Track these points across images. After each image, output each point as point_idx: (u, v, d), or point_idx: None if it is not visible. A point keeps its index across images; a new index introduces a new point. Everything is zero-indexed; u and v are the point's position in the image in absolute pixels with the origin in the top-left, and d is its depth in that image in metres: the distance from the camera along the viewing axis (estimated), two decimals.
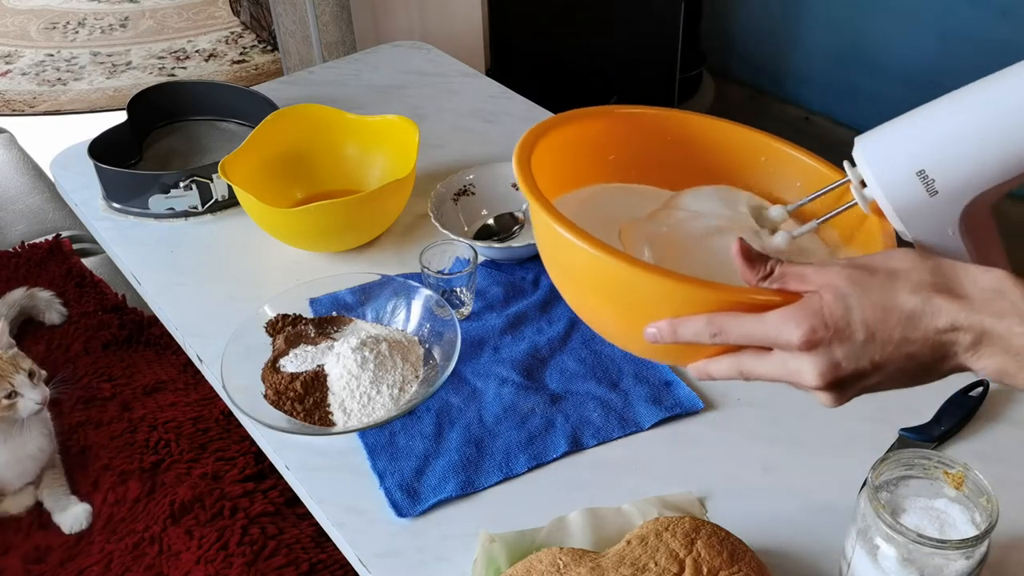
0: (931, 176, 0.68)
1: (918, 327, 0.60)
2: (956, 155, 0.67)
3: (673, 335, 0.64)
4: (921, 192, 0.69)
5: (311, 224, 1.17)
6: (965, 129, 0.67)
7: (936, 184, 0.68)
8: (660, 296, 0.65)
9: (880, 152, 0.70)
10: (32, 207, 1.90)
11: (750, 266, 0.64)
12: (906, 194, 0.69)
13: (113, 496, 1.20)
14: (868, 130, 0.73)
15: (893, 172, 0.69)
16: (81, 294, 1.57)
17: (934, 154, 0.68)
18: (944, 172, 0.68)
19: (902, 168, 0.69)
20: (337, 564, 1.12)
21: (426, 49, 1.74)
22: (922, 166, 0.68)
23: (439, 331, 1.04)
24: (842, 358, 0.61)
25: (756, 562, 0.77)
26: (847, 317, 0.60)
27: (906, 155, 0.69)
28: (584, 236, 0.67)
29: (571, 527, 0.85)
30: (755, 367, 0.64)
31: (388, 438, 0.97)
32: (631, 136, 0.86)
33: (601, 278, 0.69)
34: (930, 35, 2.64)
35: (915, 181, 0.69)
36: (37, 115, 3.41)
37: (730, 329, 0.63)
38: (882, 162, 0.70)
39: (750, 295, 0.64)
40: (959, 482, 0.72)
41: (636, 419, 0.97)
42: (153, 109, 1.48)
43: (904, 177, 0.69)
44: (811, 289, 0.62)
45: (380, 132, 1.31)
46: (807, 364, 0.61)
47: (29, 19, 4.07)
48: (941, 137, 0.68)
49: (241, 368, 1.01)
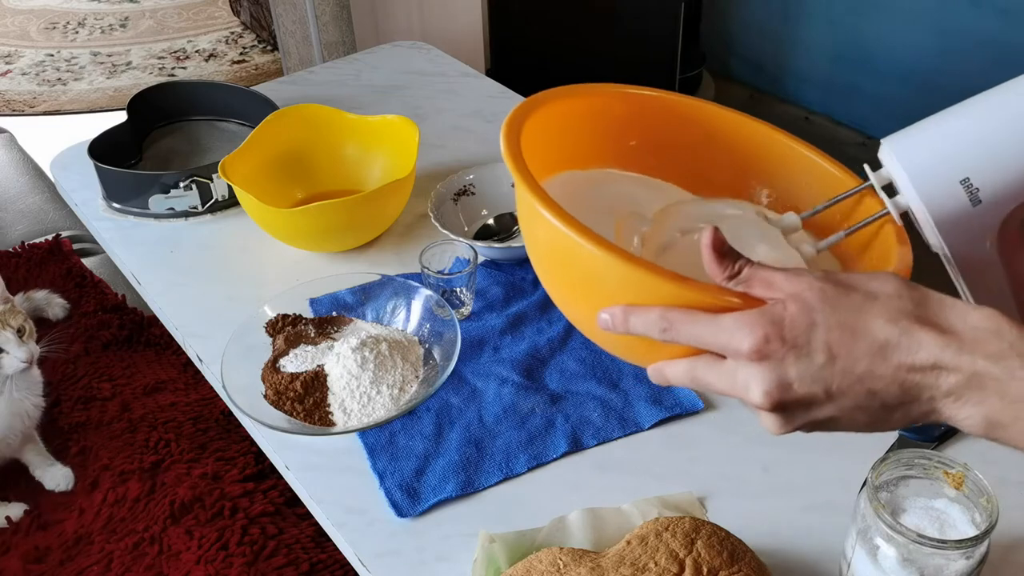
0: (976, 185, 0.63)
1: (888, 360, 0.52)
2: (1004, 162, 0.63)
3: (625, 323, 0.58)
4: (964, 201, 0.64)
5: (311, 224, 1.17)
6: (1014, 134, 0.63)
7: (980, 193, 0.63)
8: (617, 280, 0.60)
9: (918, 157, 0.65)
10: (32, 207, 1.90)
11: (719, 261, 0.58)
12: (947, 203, 0.64)
13: (113, 496, 1.20)
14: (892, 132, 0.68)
15: (933, 179, 0.64)
16: (81, 294, 1.57)
17: (980, 160, 0.63)
18: (990, 180, 0.63)
19: (944, 176, 0.64)
20: (337, 564, 1.12)
21: (426, 49, 1.75)
22: (967, 174, 0.63)
23: (439, 331, 1.04)
24: (794, 378, 0.53)
25: (756, 562, 0.77)
26: (808, 334, 0.53)
27: (949, 162, 0.64)
28: (553, 207, 0.61)
29: (571, 527, 0.85)
30: (706, 375, 0.57)
31: (388, 438, 0.97)
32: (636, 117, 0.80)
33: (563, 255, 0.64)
34: (930, 35, 2.64)
35: (958, 190, 0.63)
36: (37, 115, 3.41)
37: (680, 327, 0.56)
38: (921, 168, 0.64)
39: (710, 293, 0.57)
40: (959, 482, 0.72)
41: (636, 419, 0.97)
42: (153, 109, 1.48)
43: (946, 185, 0.64)
44: (777, 297, 0.55)
45: (380, 132, 1.31)
46: (755, 377, 0.54)
47: (29, 19, 4.07)
48: (987, 142, 0.63)
49: (241, 368, 1.01)
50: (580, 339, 1.07)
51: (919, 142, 0.66)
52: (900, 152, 0.65)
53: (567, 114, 0.77)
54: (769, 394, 0.54)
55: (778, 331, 0.53)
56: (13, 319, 1.19)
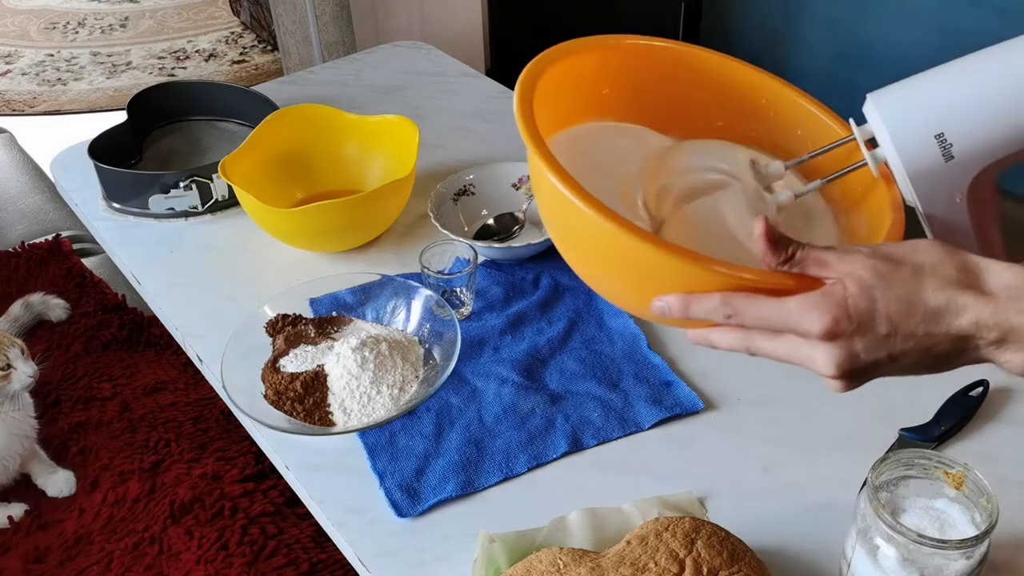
0: (949, 140, 0.66)
1: (941, 323, 0.59)
2: (977, 120, 0.66)
3: (684, 311, 0.63)
4: (937, 156, 0.67)
5: (311, 224, 1.17)
6: (989, 93, 0.66)
7: (953, 149, 0.66)
8: (672, 273, 0.62)
9: (898, 111, 0.68)
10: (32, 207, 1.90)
11: (773, 250, 0.62)
12: (920, 157, 0.67)
13: (113, 496, 1.20)
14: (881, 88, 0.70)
15: (910, 133, 0.67)
16: (81, 294, 1.57)
17: (955, 117, 0.66)
18: (963, 137, 0.66)
19: (920, 130, 0.67)
20: (337, 564, 1.12)
21: (426, 49, 1.75)
22: (941, 129, 0.66)
23: (439, 331, 1.04)
24: (861, 350, 0.60)
25: (756, 562, 0.77)
26: (871, 310, 0.59)
27: (925, 117, 0.67)
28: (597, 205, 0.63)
29: (571, 527, 0.85)
30: (764, 346, 0.63)
31: (388, 438, 0.97)
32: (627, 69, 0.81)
33: (611, 249, 0.66)
34: (930, 34, 2.63)
35: (932, 144, 0.67)
36: (37, 115, 3.41)
37: (746, 311, 0.62)
38: (899, 122, 0.68)
39: (769, 279, 0.61)
40: (959, 482, 0.72)
41: (636, 419, 0.97)
42: (153, 109, 1.48)
43: (921, 139, 0.67)
44: (832, 276, 0.61)
45: (380, 132, 1.31)
46: (824, 353, 0.60)
47: (29, 19, 4.07)
48: (963, 100, 0.66)
49: (241, 368, 1.01)
50: (580, 339, 1.07)
51: (899, 97, 0.69)
52: (881, 106, 0.69)
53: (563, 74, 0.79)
54: (840, 366, 0.60)
55: (844, 312, 0.59)
56: (16, 340, 1.22)
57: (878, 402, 0.98)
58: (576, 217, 0.65)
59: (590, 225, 0.64)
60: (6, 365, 1.18)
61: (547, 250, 1.20)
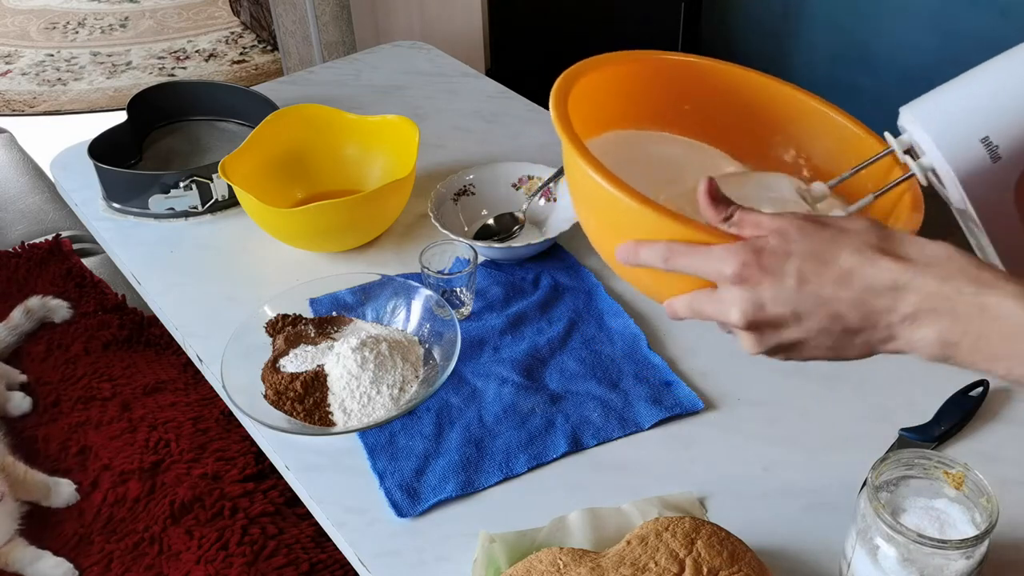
0: (995, 142, 0.69)
1: (852, 285, 0.59)
2: (1019, 120, 0.68)
3: (636, 255, 0.67)
4: (984, 158, 0.69)
5: (311, 224, 1.17)
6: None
7: (1000, 150, 0.69)
8: (631, 218, 0.68)
9: (939, 120, 0.70)
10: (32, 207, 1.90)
11: (713, 206, 0.65)
12: (968, 161, 0.69)
13: (113, 496, 1.20)
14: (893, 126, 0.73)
15: (956, 140, 0.70)
16: (81, 294, 1.57)
17: (997, 119, 0.69)
18: (1008, 137, 0.68)
19: (965, 135, 0.69)
20: (337, 564, 1.12)
21: (426, 49, 1.75)
22: (986, 132, 0.69)
23: (439, 331, 1.04)
24: (767, 300, 0.61)
25: (756, 562, 0.77)
26: (783, 261, 0.60)
27: (968, 122, 0.69)
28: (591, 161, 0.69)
29: (571, 527, 0.85)
30: (702, 304, 0.65)
31: (388, 438, 0.97)
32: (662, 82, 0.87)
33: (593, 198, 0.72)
34: (930, 35, 2.63)
35: (978, 147, 0.69)
36: (37, 115, 3.41)
37: (679, 257, 0.64)
38: (943, 130, 0.70)
39: (705, 232, 0.65)
40: (959, 482, 0.72)
41: (636, 419, 0.97)
42: (153, 109, 1.48)
43: (967, 144, 0.69)
44: (763, 234, 0.62)
45: (380, 132, 1.31)
46: (735, 299, 0.61)
47: (29, 19, 4.07)
48: (1003, 101, 0.69)
49: (241, 368, 1.01)
50: (580, 339, 1.07)
51: (939, 106, 0.71)
52: (922, 116, 0.71)
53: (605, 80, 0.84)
54: (745, 313, 0.61)
55: (757, 258, 0.61)
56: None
57: (878, 402, 0.98)
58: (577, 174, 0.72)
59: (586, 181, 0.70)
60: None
61: (547, 250, 1.20)
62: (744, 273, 0.61)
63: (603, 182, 0.68)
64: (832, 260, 0.59)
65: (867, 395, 0.99)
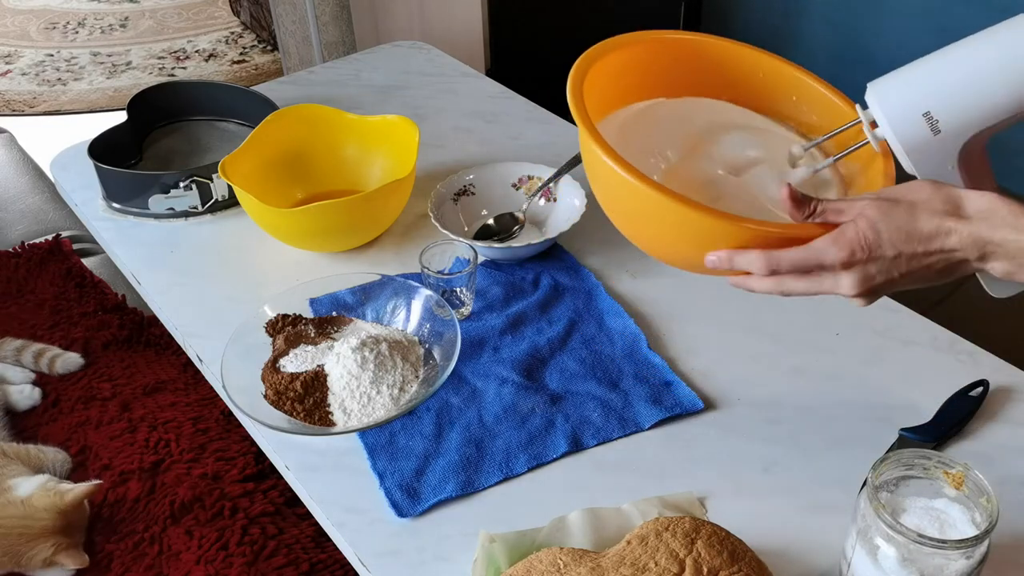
0: (935, 117, 0.78)
1: (934, 243, 0.74)
2: (956, 98, 0.78)
3: (730, 263, 0.78)
4: (926, 131, 0.79)
5: (311, 224, 1.17)
6: (964, 75, 0.78)
7: (940, 124, 0.79)
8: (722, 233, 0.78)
9: (891, 96, 0.81)
10: (32, 207, 1.90)
11: (797, 207, 0.78)
12: (913, 133, 0.79)
13: (113, 496, 1.20)
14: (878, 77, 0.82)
15: (901, 114, 0.80)
16: (81, 294, 1.57)
17: (937, 97, 0.78)
18: (946, 113, 0.78)
19: (909, 110, 0.79)
20: (337, 564, 1.12)
21: (426, 49, 1.74)
22: (927, 108, 0.78)
23: (439, 331, 1.04)
24: (876, 272, 0.75)
25: (756, 562, 0.77)
26: (878, 240, 0.74)
27: (913, 98, 0.79)
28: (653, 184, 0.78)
29: (571, 527, 0.85)
30: (795, 285, 0.78)
31: (388, 438, 0.97)
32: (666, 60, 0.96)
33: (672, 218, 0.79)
34: (930, 34, 2.64)
35: (921, 121, 0.79)
36: (37, 115, 3.41)
37: (782, 260, 0.76)
38: (892, 105, 0.80)
39: (799, 230, 0.77)
40: (959, 482, 0.72)
41: (636, 419, 0.97)
42: (153, 109, 1.48)
43: (911, 118, 0.79)
44: (847, 220, 0.76)
45: (380, 132, 1.31)
46: (847, 279, 0.76)
47: (29, 19, 4.07)
48: (943, 82, 0.79)
49: (241, 368, 1.01)
50: (580, 339, 1.07)
51: (891, 84, 0.81)
52: (877, 92, 0.82)
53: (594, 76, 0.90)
54: (859, 285, 0.76)
55: (858, 243, 0.75)
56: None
57: (878, 402, 0.98)
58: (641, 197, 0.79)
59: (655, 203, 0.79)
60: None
61: (547, 250, 1.20)
62: (852, 259, 0.75)
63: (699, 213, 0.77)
64: (913, 230, 0.74)
65: (867, 395, 0.99)
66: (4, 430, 1.29)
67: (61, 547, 1.09)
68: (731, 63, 0.97)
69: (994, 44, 0.78)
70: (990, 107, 0.78)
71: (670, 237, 0.84)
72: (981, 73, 0.78)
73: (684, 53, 0.97)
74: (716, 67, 0.97)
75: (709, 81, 0.97)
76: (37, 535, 1.09)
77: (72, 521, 1.12)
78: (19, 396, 1.34)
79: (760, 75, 0.97)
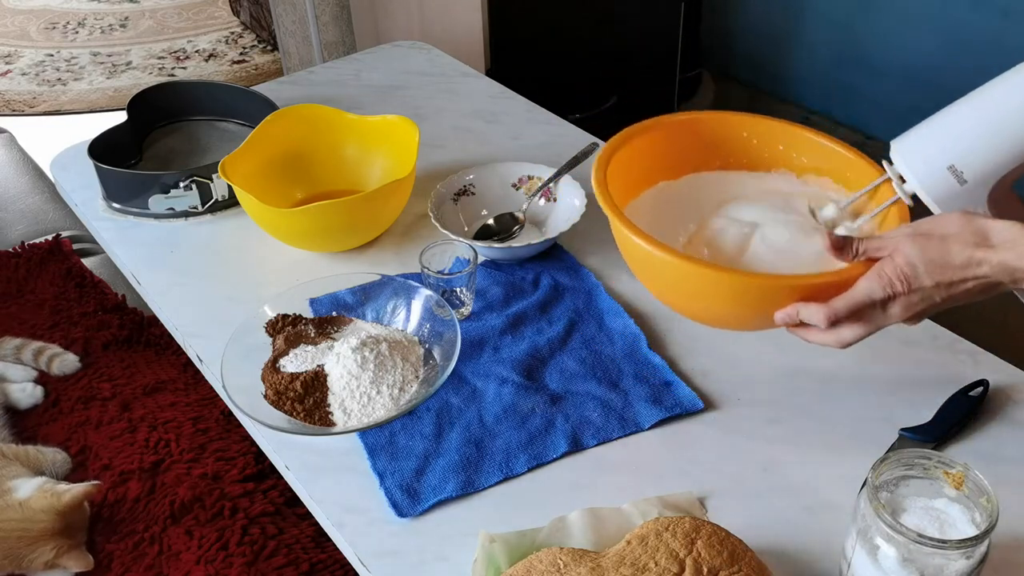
0: (960, 169, 0.83)
1: (968, 272, 0.79)
2: (978, 149, 0.82)
3: (797, 318, 0.84)
4: (953, 183, 0.84)
5: (311, 224, 1.17)
6: (982, 126, 0.82)
7: (965, 175, 0.83)
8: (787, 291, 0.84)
9: (914, 153, 0.86)
10: (32, 207, 1.90)
11: (841, 252, 0.84)
12: (940, 186, 0.84)
13: (113, 496, 1.20)
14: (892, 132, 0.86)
15: (928, 170, 0.85)
16: (81, 294, 1.57)
17: (960, 151, 0.83)
18: (970, 164, 0.83)
19: (935, 165, 0.84)
20: (337, 564, 1.12)
21: (426, 49, 1.74)
22: (952, 162, 0.83)
23: (439, 331, 1.04)
24: (918, 300, 0.81)
25: (756, 562, 0.77)
26: (915, 273, 0.80)
27: (937, 154, 0.84)
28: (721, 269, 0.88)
29: (571, 527, 0.85)
30: (850, 335, 0.84)
31: (388, 438, 0.97)
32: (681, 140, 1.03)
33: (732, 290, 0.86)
34: (930, 35, 2.63)
35: (947, 175, 0.84)
36: (37, 115, 3.41)
37: (840, 309, 0.82)
38: (918, 162, 0.85)
39: (847, 271, 0.83)
40: (959, 482, 0.72)
41: (636, 419, 0.97)
42: (153, 109, 1.48)
43: (938, 173, 0.84)
44: (886, 254, 0.81)
45: (380, 132, 1.31)
46: (894, 310, 0.82)
47: (29, 19, 4.07)
48: (963, 135, 0.83)
49: (241, 368, 1.01)
50: (580, 339, 1.07)
51: (914, 141, 0.86)
52: (901, 150, 0.87)
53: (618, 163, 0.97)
54: (905, 313, 0.82)
55: (897, 277, 0.80)
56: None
57: (878, 402, 0.98)
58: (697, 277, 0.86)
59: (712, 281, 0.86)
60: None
61: (547, 250, 1.20)
62: (894, 292, 0.81)
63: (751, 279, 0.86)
64: (947, 262, 0.79)
65: (867, 395, 0.99)
66: (4, 429, 1.29)
67: (63, 549, 1.09)
68: (719, 133, 1.04)
69: (1009, 90, 0.82)
70: (1010, 153, 0.82)
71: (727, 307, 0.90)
72: (1000, 121, 0.81)
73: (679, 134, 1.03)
74: (707, 141, 1.04)
75: (703, 156, 1.04)
76: (36, 537, 1.09)
77: (72, 522, 1.12)
78: (21, 394, 1.34)
79: (744, 134, 1.03)
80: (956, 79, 2.57)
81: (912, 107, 2.71)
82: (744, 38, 3.16)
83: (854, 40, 2.84)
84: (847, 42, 2.86)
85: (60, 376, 1.40)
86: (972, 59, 2.53)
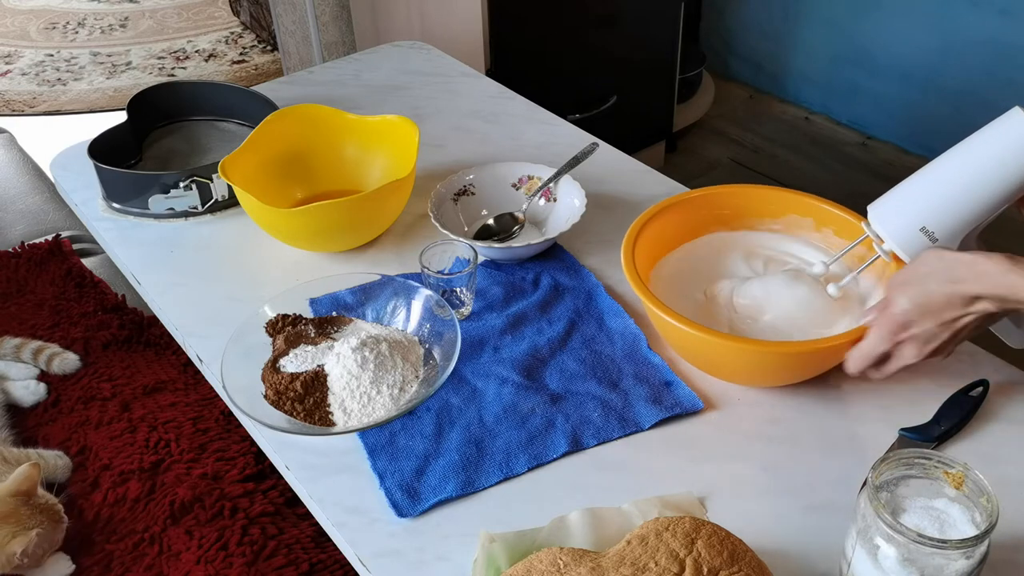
0: (931, 229, 0.92)
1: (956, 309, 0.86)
2: (945, 211, 0.92)
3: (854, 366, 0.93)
4: (926, 242, 0.93)
5: (311, 224, 1.17)
6: (948, 192, 0.92)
7: (936, 234, 0.92)
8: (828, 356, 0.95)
9: (889, 218, 0.95)
10: (32, 207, 1.90)
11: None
12: (914, 245, 0.93)
13: (113, 496, 1.20)
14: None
15: (902, 232, 0.94)
16: (81, 294, 1.57)
17: (930, 213, 0.92)
18: (940, 224, 0.92)
19: (908, 228, 0.93)
20: (337, 564, 1.12)
21: (426, 49, 1.74)
22: (923, 223, 0.93)
23: (439, 331, 1.04)
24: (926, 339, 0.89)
25: (756, 562, 0.77)
26: (908, 317, 0.88)
27: (909, 219, 0.93)
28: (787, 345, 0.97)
29: (571, 527, 0.85)
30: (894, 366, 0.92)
31: (388, 438, 0.97)
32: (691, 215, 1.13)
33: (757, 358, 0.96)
34: (930, 35, 2.64)
35: (920, 235, 0.93)
36: (37, 115, 3.41)
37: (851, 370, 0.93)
38: (892, 227, 0.95)
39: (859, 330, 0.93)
40: (959, 482, 0.72)
41: (636, 419, 0.97)
42: (153, 109, 1.48)
43: (911, 234, 0.93)
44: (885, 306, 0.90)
45: (380, 132, 1.31)
46: (906, 351, 0.90)
47: (29, 19, 4.07)
48: (931, 200, 0.93)
49: (241, 368, 1.01)
50: (580, 339, 1.07)
51: (888, 207, 0.96)
52: (876, 216, 0.97)
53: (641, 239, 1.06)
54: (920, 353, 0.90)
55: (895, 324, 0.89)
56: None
57: (878, 402, 0.98)
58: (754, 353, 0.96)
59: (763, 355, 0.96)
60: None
61: (547, 250, 1.20)
62: (895, 338, 0.89)
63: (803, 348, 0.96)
64: (932, 303, 0.87)
65: (867, 395, 0.99)
66: (5, 430, 1.29)
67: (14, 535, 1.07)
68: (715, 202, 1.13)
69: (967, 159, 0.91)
70: (974, 212, 0.91)
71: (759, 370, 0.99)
72: (964, 187, 0.91)
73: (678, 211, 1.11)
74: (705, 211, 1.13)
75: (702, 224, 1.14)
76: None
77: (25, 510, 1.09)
78: (24, 392, 1.34)
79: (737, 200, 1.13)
80: (956, 78, 2.58)
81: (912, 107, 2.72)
82: (744, 38, 3.16)
83: (854, 40, 2.84)
84: (847, 42, 2.86)
85: (60, 375, 1.39)
86: (972, 58, 2.53)
